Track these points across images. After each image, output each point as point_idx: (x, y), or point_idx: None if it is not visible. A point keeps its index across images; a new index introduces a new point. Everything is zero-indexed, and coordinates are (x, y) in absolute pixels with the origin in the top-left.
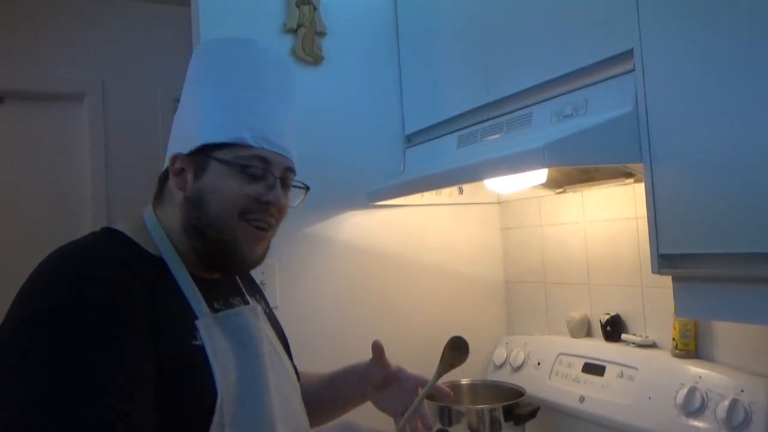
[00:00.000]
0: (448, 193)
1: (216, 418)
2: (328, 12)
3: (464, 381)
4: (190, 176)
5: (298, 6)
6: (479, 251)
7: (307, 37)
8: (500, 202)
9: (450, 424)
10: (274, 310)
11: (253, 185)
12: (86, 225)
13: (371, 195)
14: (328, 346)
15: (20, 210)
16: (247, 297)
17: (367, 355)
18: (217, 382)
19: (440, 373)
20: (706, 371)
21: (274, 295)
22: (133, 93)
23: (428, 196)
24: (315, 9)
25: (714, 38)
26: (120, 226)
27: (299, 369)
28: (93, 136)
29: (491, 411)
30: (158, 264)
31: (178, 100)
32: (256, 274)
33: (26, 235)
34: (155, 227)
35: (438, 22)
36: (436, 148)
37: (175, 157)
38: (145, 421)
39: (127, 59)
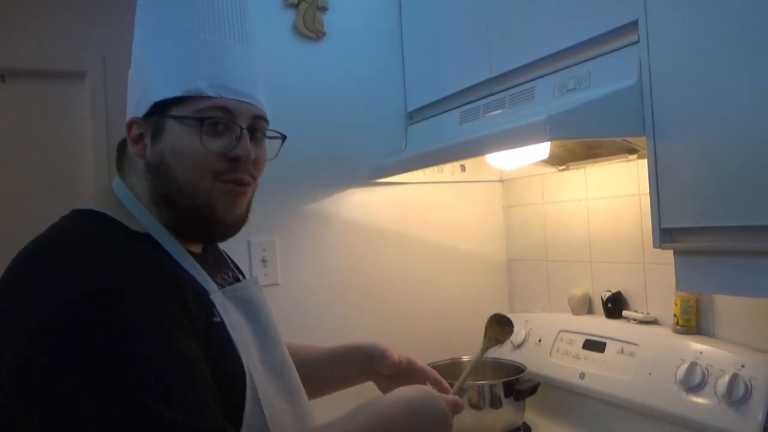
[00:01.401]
0: (450, 171)
1: (248, 394)
2: None
3: (465, 357)
4: (149, 140)
5: None
6: (481, 229)
7: (308, 13)
8: (502, 180)
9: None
10: (275, 287)
11: (217, 140)
12: None
13: (373, 172)
14: (329, 323)
15: (21, 188)
16: (235, 271)
17: (367, 332)
18: (243, 358)
19: (486, 347)
20: (707, 347)
21: (276, 272)
22: None
23: (430, 174)
24: None
25: (720, 9)
26: (92, 204)
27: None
28: (94, 114)
29: (491, 387)
30: (149, 241)
31: None
32: (257, 251)
33: (28, 213)
34: (131, 201)
35: None
36: (438, 124)
37: (131, 122)
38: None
39: (128, 38)
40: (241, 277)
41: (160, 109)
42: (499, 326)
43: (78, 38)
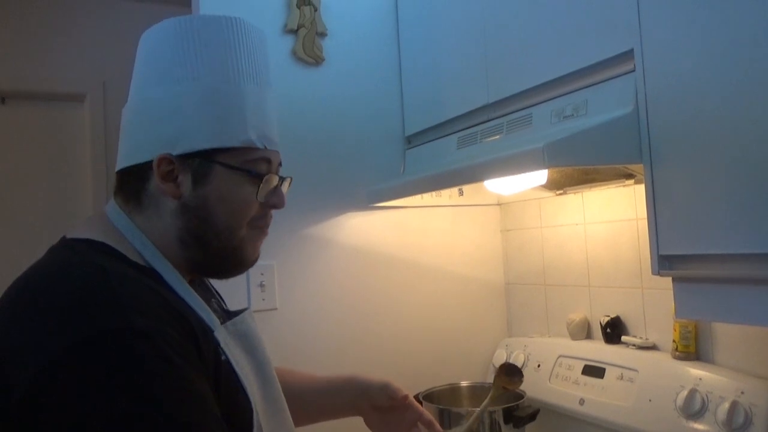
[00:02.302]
0: (448, 195)
1: (255, 431)
2: (328, 13)
3: (464, 383)
4: (187, 182)
5: (298, 7)
6: (479, 253)
7: (307, 38)
8: (500, 204)
9: (450, 427)
10: (273, 312)
11: (262, 190)
12: None
13: (371, 196)
14: (327, 348)
15: (21, 210)
16: (219, 298)
17: (365, 356)
18: (250, 395)
19: (493, 396)
20: (707, 373)
21: (274, 296)
22: None
23: (428, 198)
24: (315, 10)
25: (715, 38)
26: (89, 233)
27: (288, 369)
28: (93, 137)
29: (491, 413)
30: (154, 276)
31: None
32: (255, 275)
33: (27, 235)
34: (136, 236)
35: (438, 23)
36: (436, 149)
37: (163, 159)
38: None
39: (128, 60)
40: (224, 304)
41: (204, 154)
42: (508, 376)
43: (78, 61)
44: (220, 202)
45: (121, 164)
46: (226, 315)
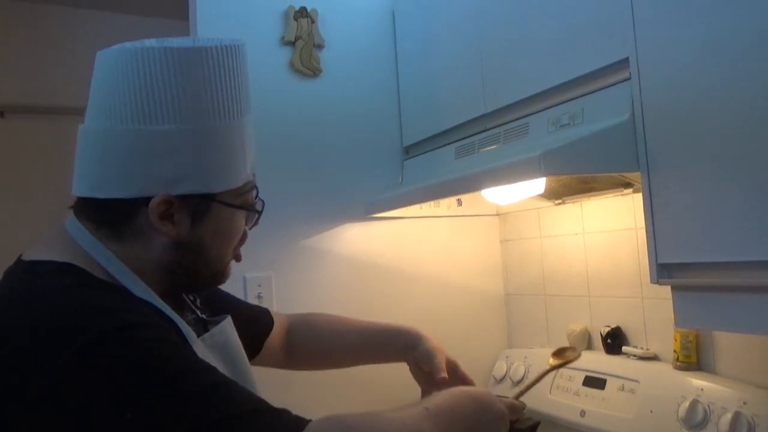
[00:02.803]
0: (446, 205)
1: None
2: (325, 25)
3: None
4: (185, 222)
5: (295, 19)
6: (478, 264)
7: (305, 50)
8: (499, 214)
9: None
10: None
11: (249, 219)
12: None
13: (369, 207)
14: None
15: (22, 223)
16: (194, 307)
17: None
18: None
19: (552, 366)
20: (708, 383)
21: (271, 307)
22: None
23: (426, 208)
24: (313, 22)
25: (710, 45)
26: (51, 254)
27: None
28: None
29: None
30: (122, 293)
31: None
32: (252, 286)
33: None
34: (100, 252)
35: (435, 34)
36: (434, 159)
37: (164, 200)
38: None
39: None
40: (198, 312)
41: (205, 194)
42: (559, 354)
43: (77, 75)
44: (216, 236)
45: (101, 193)
46: (202, 324)
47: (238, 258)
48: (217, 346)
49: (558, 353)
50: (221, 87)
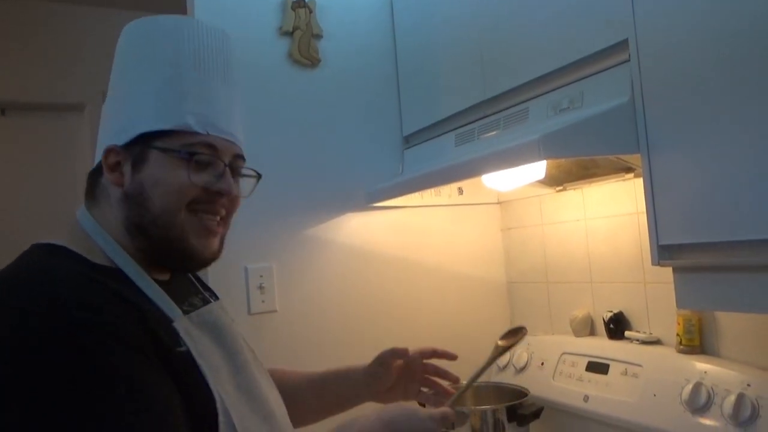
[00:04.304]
0: (447, 194)
1: (221, 419)
2: (324, 14)
3: (465, 382)
4: (128, 169)
5: (293, 9)
6: (480, 252)
7: (303, 40)
8: (500, 203)
9: (454, 426)
10: (273, 314)
11: (201, 174)
12: None
13: (370, 196)
14: (328, 349)
15: (22, 220)
16: (206, 295)
17: (366, 357)
18: (211, 385)
19: (494, 356)
20: (712, 366)
21: (273, 298)
22: None
23: (428, 197)
24: (311, 12)
25: (710, 25)
26: (54, 239)
27: (289, 369)
28: (94, 146)
29: (494, 412)
30: (112, 272)
31: None
32: (254, 277)
33: (27, 245)
34: (97, 232)
35: (434, 21)
36: (434, 147)
37: (110, 150)
38: None
39: None
40: (213, 300)
41: (144, 140)
42: (510, 335)
43: (77, 71)
44: (155, 186)
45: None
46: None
47: (205, 225)
48: (207, 324)
49: (507, 335)
50: (161, 47)
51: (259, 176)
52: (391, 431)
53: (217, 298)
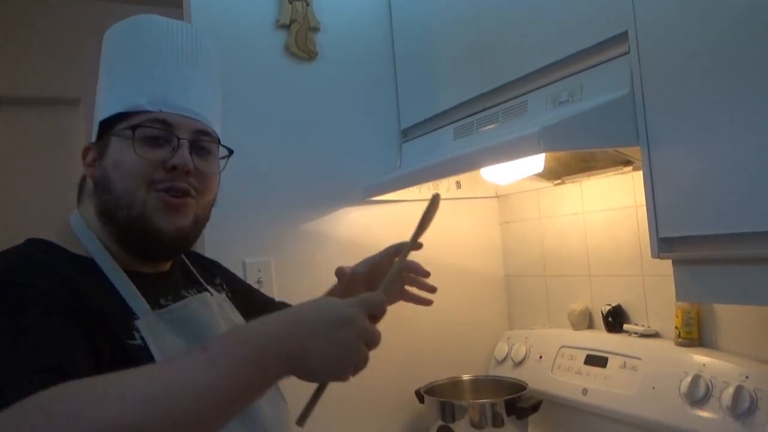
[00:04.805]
0: (445, 188)
1: None
2: (321, 7)
3: (466, 377)
4: (96, 161)
5: (290, 2)
6: (478, 246)
7: (300, 33)
8: (498, 196)
9: (452, 420)
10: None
11: (155, 150)
12: None
13: (368, 190)
14: None
15: (17, 214)
16: (207, 286)
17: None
18: None
19: (416, 234)
20: (710, 359)
21: (272, 292)
22: None
23: (425, 191)
24: (308, 4)
25: (710, 18)
26: (43, 234)
27: None
28: (89, 140)
29: (493, 405)
30: (87, 265)
31: None
32: (252, 271)
33: (22, 239)
34: (80, 227)
35: (432, 15)
36: (432, 141)
37: (86, 148)
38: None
39: None
40: (219, 293)
41: (106, 130)
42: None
43: (72, 65)
44: (115, 168)
45: None
46: None
47: (165, 202)
48: (177, 319)
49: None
50: (123, 41)
51: (230, 152)
52: (300, 323)
53: (224, 291)
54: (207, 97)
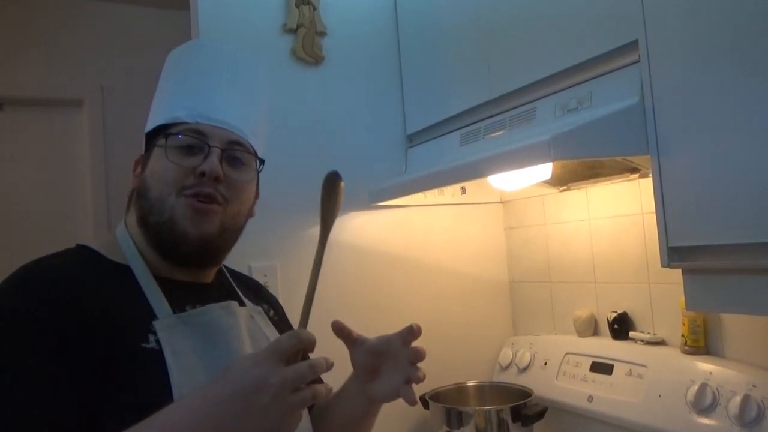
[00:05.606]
0: (450, 193)
1: None
2: (327, 12)
3: (470, 383)
4: (141, 172)
5: (297, 6)
6: (483, 251)
7: (307, 37)
8: (503, 202)
9: (458, 426)
10: None
11: (188, 158)
12: (87, 231)
13: (373, 195)
14: (332, 349)
15: (21, 216)
16: (244, 299)
17: None
18: (174, 386)
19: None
20: (717, 367)
21: (277, 296)
22: (132, 98)
23: (431, 196)
24: (315, 9)
25: (720, 27)
26: (86, 241)
27: None
28: (92, 142)
29: (498, 412)
30: (122, 271)
31: None
32: (258, 276)
33: (27, 242)
34: (122, 235)
35: (439, 19)
36: (438, 147)
37: (136, 161)
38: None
39: (126, 65)
40: (250, 303)
41: (150, 141)
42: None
43: (75, 66)
44: (152, 176)
45: None
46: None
47: (193, 207)
48: (197, 323)
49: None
50: (173, 62)
51: (261, 161)
52: (214, 404)
53: (266, 305)
54: (245, 112)
